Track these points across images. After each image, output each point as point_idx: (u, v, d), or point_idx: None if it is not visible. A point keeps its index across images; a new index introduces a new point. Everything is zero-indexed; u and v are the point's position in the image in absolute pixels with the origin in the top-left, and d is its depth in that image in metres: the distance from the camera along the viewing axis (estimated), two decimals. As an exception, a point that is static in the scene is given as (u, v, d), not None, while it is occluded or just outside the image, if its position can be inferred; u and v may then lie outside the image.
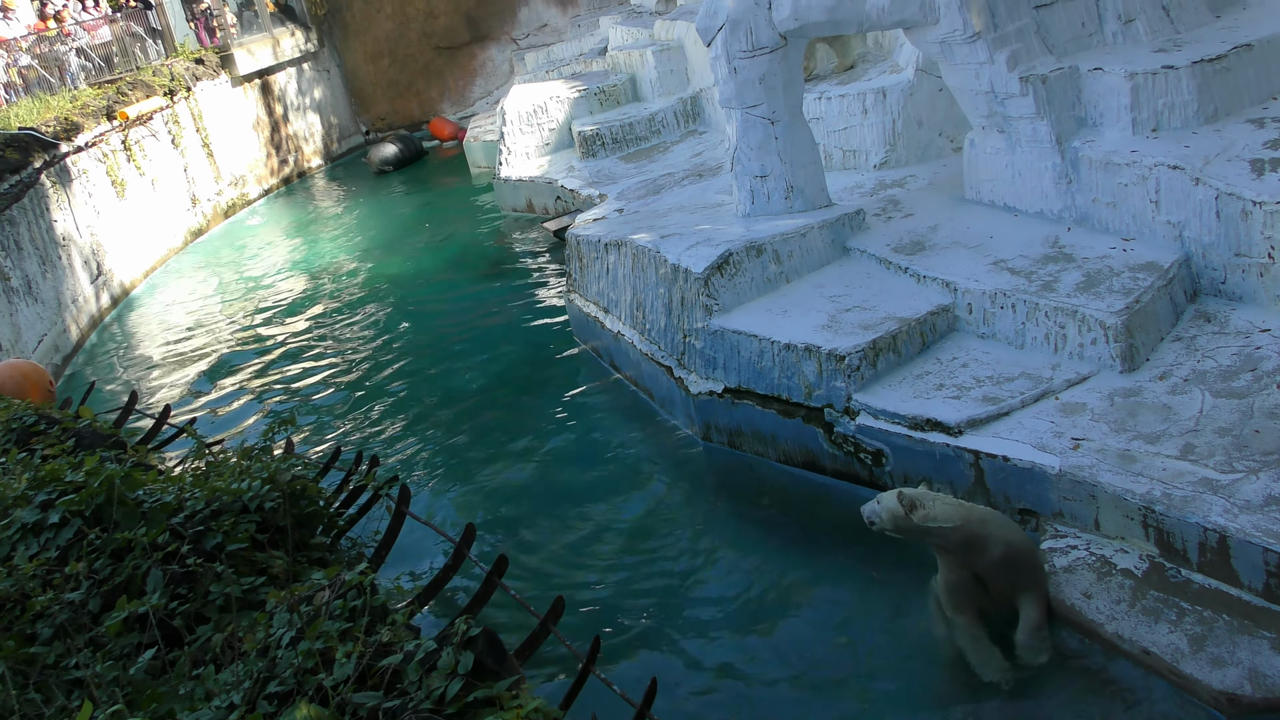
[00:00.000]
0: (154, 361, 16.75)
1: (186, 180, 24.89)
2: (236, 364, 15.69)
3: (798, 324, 9.30)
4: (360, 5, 31.98)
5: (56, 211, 18.86)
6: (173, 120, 24.60)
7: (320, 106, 31.48)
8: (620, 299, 11.61)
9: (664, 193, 14.13)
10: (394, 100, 32.61)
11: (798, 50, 10.72)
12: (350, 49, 32.43)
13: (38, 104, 21.56)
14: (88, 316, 18.97)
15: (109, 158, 21.43)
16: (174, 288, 21.08)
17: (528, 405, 12.04)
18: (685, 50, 19.23)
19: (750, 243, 10.12)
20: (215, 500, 4.63)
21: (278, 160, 29.33)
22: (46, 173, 18.90)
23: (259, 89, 28.86)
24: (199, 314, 18.82)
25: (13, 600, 4.02)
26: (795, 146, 10.79)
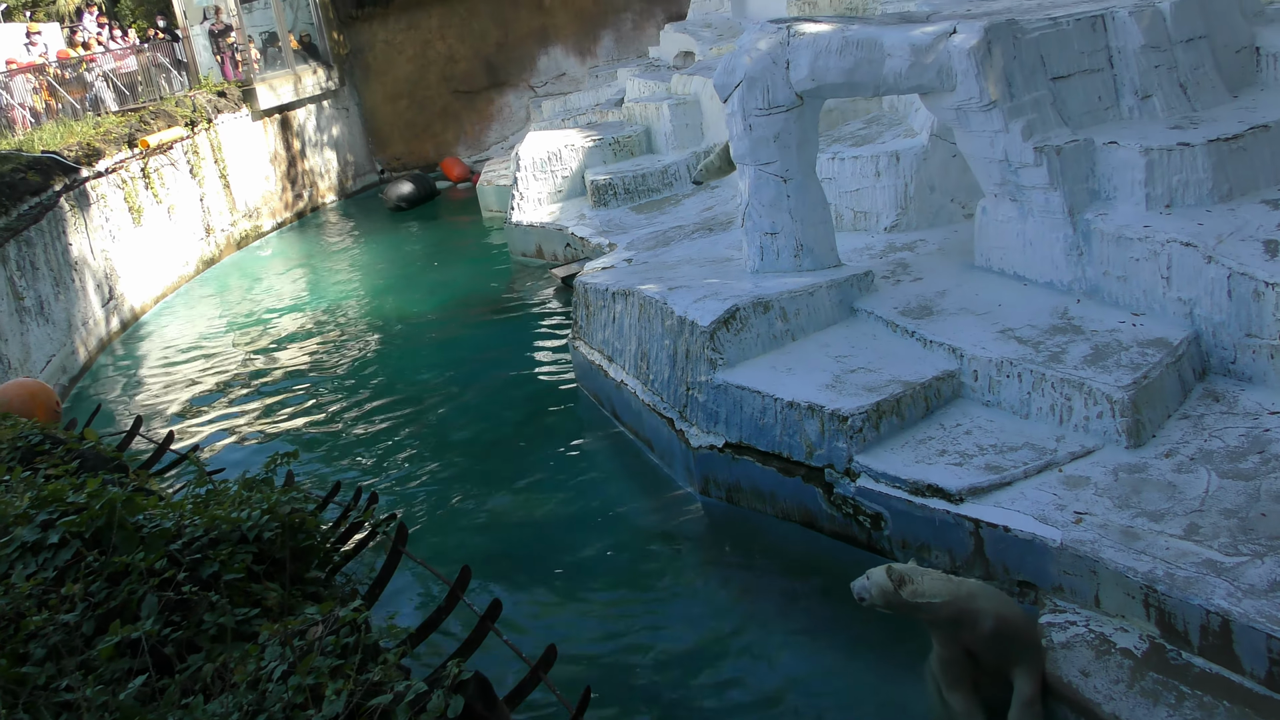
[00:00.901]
0: (159, 387, 16.72)
1: (202, 210, 24.99)
2: (241, 393, 15.66)
3: (802, 382, 9.27)
4: (382, 46, 32.24)
5: (73, 235, 18.94)
6: (192, 150, 24.74)
7: (337, 144, 31.65)
8: (625, 348, 11.59)
9: (673, 245, 14.16)
10: (410, 141, 32.80)
11: (814, 110, 10.76)
12: (370, 89, 32.66)
13: (62, 129, 21.73)
14: (96, 339, 18.98)
15: (127, 184, 21.54)
16: (183, 315, 21.09)
17: (528, 450, 11.99)
18: (701, 105, 19.34)
19: (758, 299, 10.11)
20: (214, 529, 4.58)
21: (293, 194, 29.45)
22: (66, 196, 19.00)
23: (278, 124, 29.04)
24: (206, 342, 18.81)
25: (7, 619, 3.98)
26: (807, 205, 10.81)
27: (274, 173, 28.75)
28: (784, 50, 10.35)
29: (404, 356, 16.25)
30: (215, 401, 15.50)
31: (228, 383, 16.30)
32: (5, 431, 6.71)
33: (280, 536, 4.74)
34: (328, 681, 3.73)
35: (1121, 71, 10.33)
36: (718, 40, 22.76)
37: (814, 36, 10.20)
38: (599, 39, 31.35)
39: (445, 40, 32.10)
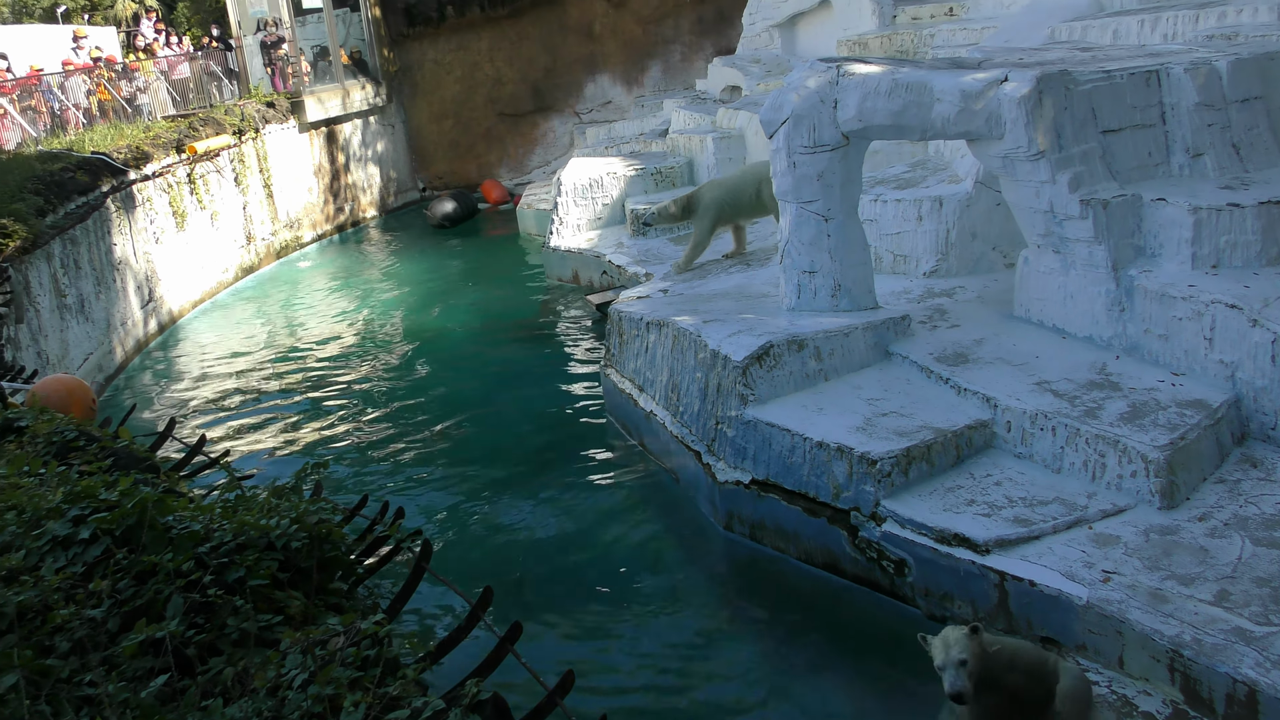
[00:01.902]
0: (193, 390, 16.85)
1: (244, 218, 25.24)
2: (273, 401, 15.77)
3: (832, 423, 9.24)
4: (431, 66, 32.49)
5: (117, 236, 19.18)
6: (238, 159, 25.00)
7: (381, 159, 31.88)
8: (656, 379, 11.60)
9: (710, 278, 14.16)
10: (453, 160, 32.99)
11: (859, 151, 10.77)
12: (416, 107, 32.90)
13: (112, 131, 22.07)
14: (134, 340, 19.16)
15: (173, 189, 21.80)
16: (221, 321, 21.27)
17: (555, 474, 12.00)
18: (746, 139, 19.38)
19: (792, 336, 10.10)
20: (242, 534, 4.61)
21: (334, 207, 29.67)
22: (113, 197, 19.28)
23: (324, 137, 29.29)
24: (242, 349, 18.96)
25: (34, 611, 4.01)
26: (847, 246, 10.80)
27: (317, 185, 28.99)
28: (832, 89, 10.38)
29: (436, 374, 16.31)
30: (248, 408, 15.61)
31: (261, 390, 16.41)
32: (42, 426, 6.78)
33: (307, 546, 4.76)
34: (346, 693, 3.73)
35: (1174, 128, 10.28)
36: (765, 76, 22.83)
37: (863, 77, 10.22)
38: (646, 69, 31.48)
39: (494, 63, 32.33)
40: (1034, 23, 14.47)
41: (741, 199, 15.10)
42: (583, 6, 31.57)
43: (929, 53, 16.91)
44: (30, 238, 15.12)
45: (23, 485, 5.26)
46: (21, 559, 4.40)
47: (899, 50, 18.50)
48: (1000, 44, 14.03)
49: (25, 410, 7.45)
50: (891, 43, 18.89)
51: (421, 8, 31.94)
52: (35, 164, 18.10)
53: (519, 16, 31.89)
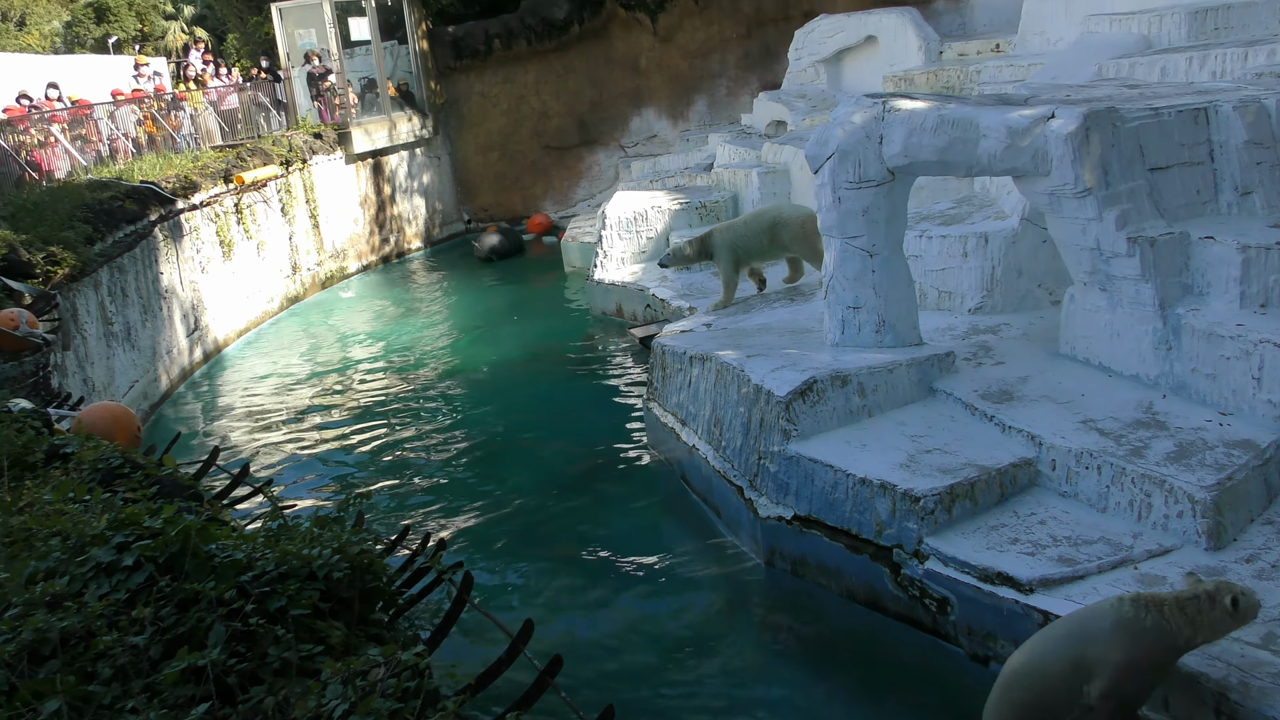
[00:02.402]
0: (237, 419, 17.00)
1: (290, 248, 25.48)
2: (316, 431, 15.88)
3: (875, 459, 9.21)
4: (478, 99, 32.73)
5: (164, 264, 19.43)
6: (285, 189, 25.28)
7: (427, 191, 32.12)
8: (699, 413, 11.60)
9: (754, 312, 14.16)
10: (499, 193, 33.17)
11: (904, 187, 10.76)
12: (463, 139, 33.14)
13: (161, 160, 22.39)
14: (179, 368, 19.35)
15: (220, 218, 22.06)
16: (265, 350, 21.46)
17: (597, 507, 12.01)
18: (791, 175, 19.40)
19: (836, 372, 10.08)
20: (284, 564, 4.63)
21: (379, 238, 29.90)
22: (160, 226, 19.54)
23: (370, 168, 29.57)
24: (285, 378, 19.11)
25: (78, 637, 4.05)
26: (891, 281, 10.77)
27: (363, 216, 29.24)
28: (878, 125, 10.39)
29: (479, 405, 16.37)
30: (291, 437, 15.73)
31: (304, 419, 16.53)
32: (88, 453, 6.85)
33: (348, 577, 4.78)
34: (386, 724, 3.74)
35: (1222, 166, 10.20)
36: (811, 111, 22.88)
37: (909, 113, 10.23)
38: (692, 103, 31.56)
39: (540, 96, 32.53)
40: (1081, 60, 14.42)
41: (751, 243, 15.18)
42: (629, 40, 31.75)
43: (975, 89, 16.90)
44: (79, 265, 15.33)
45: (68, 511, 5.31)
46: (65, 585, 4.44)
47: (945, 86, 18.49)
48: (1047, 81, 14.01)
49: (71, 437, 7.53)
50: (938, 79, 18.89)
51: (469, 41, 32.22)
52: (85, 192, 18.36)
53: (565, 50, 32.11)
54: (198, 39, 41.34)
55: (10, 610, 4.24)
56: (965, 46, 20.11)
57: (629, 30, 31.60)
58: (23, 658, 3.94)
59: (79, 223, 16.59)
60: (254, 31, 33.75)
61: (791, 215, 15.13)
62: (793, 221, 14.96)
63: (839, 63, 24.44)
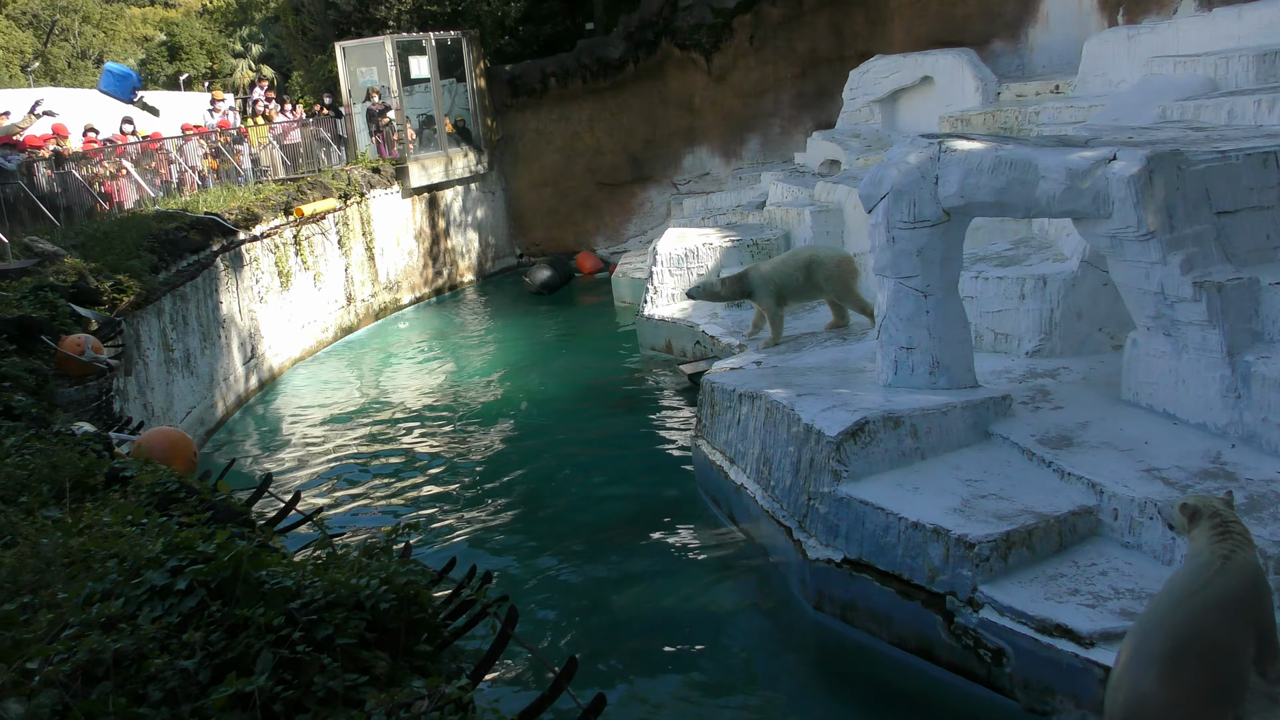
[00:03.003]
0: (290, 447, 17.11)
1: (346, 279, 25.71)
2: (366, 460, 15.95)
3: (929, 503, 9.07)
4: (532, 136, 32.96)
5: (224, 294, 19.72)
6: (343, 222, 25.55)
7: (480, 225, 32.32)
8: (747, 452, 11.51)
9: (805, 351, 14.07)
10: (551, 228, 33.32)
11: (960, 227, 10.67)
12: (517, 175, 33.35)
13: (225, 192, 22.81)
14: (235, 395, 19.55)
15: (280, 249, 22.38)
16: (319, 379, 21.62)
17: (643, 544, 11.92)
18: (844, 214, 19.32)
19: (888, 413, 9.96)
20: (332, 592, 4.60)
21: (433, 271, 30.10)
22: (222, 256, 19.86)
23: (426, 202, 29.82)
24: (338, 408, 19.22)
25: (130, 659, 4.03)
26: (946, 323, 10.66)
27: (418, 249, 29.47)
28: (934, 165, 10.31)
29: (527, 439, 16.37)
30: (341, 466, 15.81)
31: (355, 448, 16.61)
32: (146, 477, 6.88)
33: (395, 607, 4.74)
34: (430, 758, 3.68)
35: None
36: (865, 151, 22.81)
37: (966, 154, 10.15)
38: (745, 141, 31.59)
39: (594, 133, 32.70)
40: (1143, 102, 14.25)
41: (787, 282, 15.21)
42: (684, 79, 31.86)
43: (1034, 130, 16.77)
44: (143, 293, 15.54)
45: (125, 534, 5.34)
46: (120, 607, 4.45)
47: (1003, 127, 18.37)
48: (1108, 122, 13.86)
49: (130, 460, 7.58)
50: (995, 120, 18.77)
51: (525, 79, 32.49)
52: (151, 223, 18.64)
53: (620, 89, 32.28)
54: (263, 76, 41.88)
55: (67, 630, 4.25)
56: (1023, 88, 19.97)
57: (683, 69, 31.72)
58: (77, 678, 3.94)
59: (145, 252, 16.84)
60: (318, 70, 34.18)
61: (827, 256, 15.23)
62: (828, 262, 15.04)
63: (894, 103, 24.38)
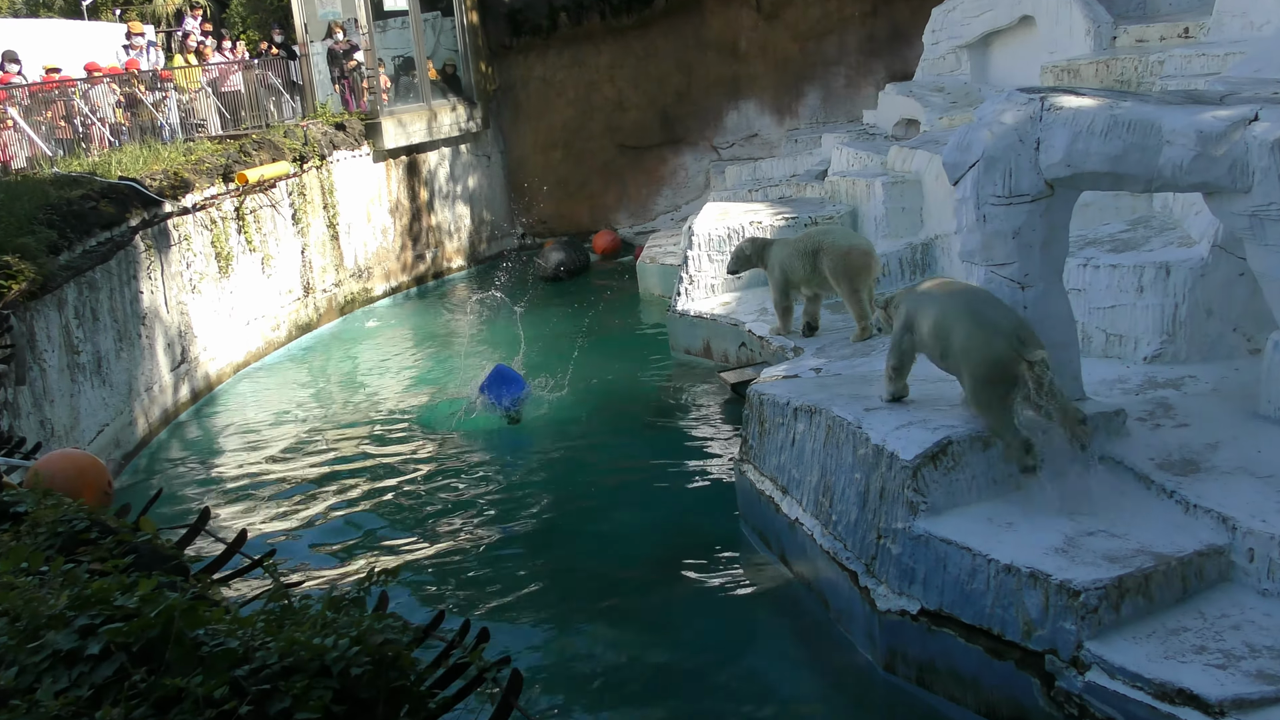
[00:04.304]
0: (232, 474, 17.14)
1: (303, 264, 25.81)
2: (330, 491, 15.99)
3: (1025, 542, 9.11)
4: (538, 85, 32.94)
5: (145, 281, 19.67)
6: (298, 191, 25.60)
7: (473, 197, 32.39)
8: (803, 479, 11.57)
9: (876, 355, 14.10)
10: (561, 201, 33.21)
11: (1065, 203, 10.68)
12: (518, 134, 33.37)
13: (146, 152, 22.62)
14: (160, 409, 19.57)
15: (217, 225, 22.32)
16: (268, 389, 21.67)
17: (674, 592, 11.99)
18: (924, 186, 19.33)
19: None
20: (290, 655, 4.60)
21: (413, 254, 30.20)
22: (143, 234, 19.74)
23: (404, 168, 29.93)
24: (292, 425, 19.27)
25: (27, 747, 3.98)
26: (1046, 321, 10.65)
27: (393, 226, 29.57)
28: (1035, 127, 10.34)
29: (530, 464, 16.42)
30: (298, 497, 15.86)
31: (315, 475, 16.65)
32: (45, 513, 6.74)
33: (370, 673, 4.75)
34: None
35: None
36: (950, 108, 22.80)
37: (1074, 112, 10.17)
38: (802, 96, 31.57)
39: (615, 83, 32.68)
40: (1294, 48, 14.24)
41: (796, 264, 15.70)
42: (726, 18, 31.84)
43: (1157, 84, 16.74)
44: (39, 280, 15.34)
45: (19, 585, 5.19)
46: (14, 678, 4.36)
47: (1119, 80, 18.35)
48: (1249, 74, 13.83)
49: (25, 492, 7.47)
50: (1110, 70, 18.75)
51: (529, 14, 32.46)
52: (50, 189, 18.41)
53: (648, 28, 32.24)
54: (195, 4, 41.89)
55: (-60, 711, 4.20)
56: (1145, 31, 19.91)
57: (726, 5, 31.74)
58: (-45, 773, 3.90)
59: (41, 226, 16.58)
60: (265, -4, 34.31)
61: (838, 243, 15.56)
62: (836, 250, 15.39)
63: (986, 49, 24.35)
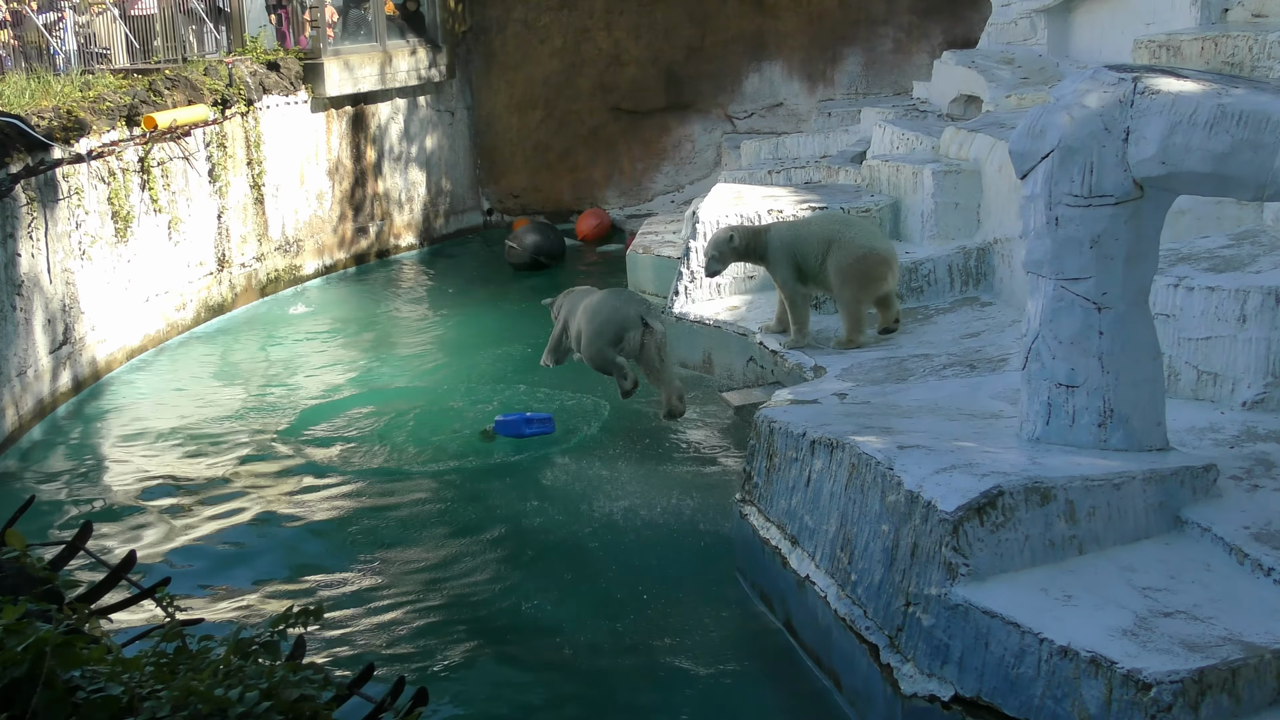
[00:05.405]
0: (120, 481, 17.07)
1: (218, 231, 25.76)
2: (240, 506, 15.97)
3: (1086, 620, 9.11)
4: (518, 29, 32.90)
5: (25, 242, 19.58)
6: (218, 143, 25.56)
7: (430, 162, 32.38)
8: (818, 529, 11.56)
9: (913, 381, 14.14)
10: (538, 172, 33.20)
11: (1156, 209, 10.67)
12: (491, 88, 33.33)
13: (33, 84, 22.53)
14: (35, 399, 19.51)
15: (116, 178, 22.26)
16: (167, 380, 21.61)
17: (656, 660, 11.98)
18: (983, 178, 19.32)
19: (1034, 481, 9.99)
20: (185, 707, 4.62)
21: (354, 227, 30.16)
22: (25, 184, 19.65)
23: (349, 121, 29.92)
24: (196, 424, 19.23)
25: None
26: (1128, 351, 10.67)
27: (332, 192, 29.56)
28: (1124, 113, 10.35)
29: (486, 491, 16.35)
30: (200, 512, 15.81)
31: (224, 489, 16.60)
32: (-117, 524, 6.81)
33: (283, 734, 4.76)
34: None
35: None
36: (1020, 85, 22.83)
37: (1173, 99, 10.18)
38: (840, 60, 31.58)
39: (611, 32, 32.65)
40: None
41: (808, 253, 15.99)
42: (752, -42, 31.94)
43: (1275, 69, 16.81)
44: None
45: None
46: None
47: (1229, 62, 18.40)
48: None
49: None
50: (1218, 49, 18.79)
51: (511, -60, 32.53)
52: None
53: (655, -35, 32.35)
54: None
55: None
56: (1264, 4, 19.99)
57: (753, -58, 31.82)
58: None
59: None
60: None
61: (856, 241, 15.95)
62: (851, 249, 15.82)
63: (1067, 15, 24.39)
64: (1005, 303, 17.29)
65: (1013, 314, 16.17)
